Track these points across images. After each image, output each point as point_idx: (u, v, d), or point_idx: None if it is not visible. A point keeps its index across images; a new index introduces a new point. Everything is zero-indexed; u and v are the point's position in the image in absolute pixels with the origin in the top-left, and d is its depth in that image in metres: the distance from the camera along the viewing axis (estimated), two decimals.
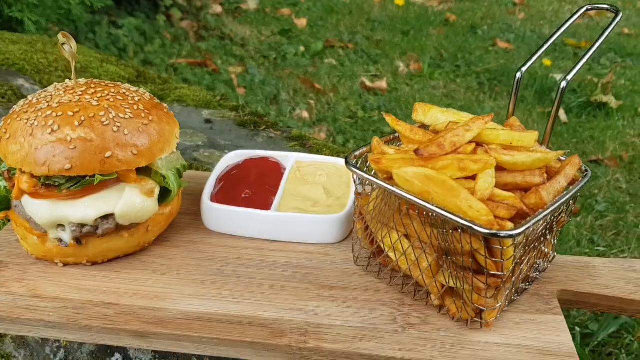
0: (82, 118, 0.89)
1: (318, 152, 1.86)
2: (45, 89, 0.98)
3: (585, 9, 1.09)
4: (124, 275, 0.95)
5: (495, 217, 0.78)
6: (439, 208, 0.78)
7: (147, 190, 0.94)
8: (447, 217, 0.78)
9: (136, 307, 0.89)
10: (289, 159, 1.18)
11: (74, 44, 0.94)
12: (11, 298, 0.90)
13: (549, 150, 0.93)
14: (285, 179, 1.11)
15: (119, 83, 1.01)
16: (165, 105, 1.03)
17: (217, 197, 1.06)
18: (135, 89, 1.00)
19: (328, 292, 0.93)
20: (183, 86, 2.22)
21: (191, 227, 1.07)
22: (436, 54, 4.37)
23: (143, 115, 0.95)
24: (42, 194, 0.90)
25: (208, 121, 2.02)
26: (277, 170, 1.14)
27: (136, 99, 0.97)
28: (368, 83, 3.81)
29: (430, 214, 0.81)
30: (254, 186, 1.08)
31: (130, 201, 0.92)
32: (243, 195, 1.06)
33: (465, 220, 0.77)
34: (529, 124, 3.38)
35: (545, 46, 1.05)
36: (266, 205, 1.05)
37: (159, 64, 3.66)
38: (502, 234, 0.76)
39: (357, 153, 0.93)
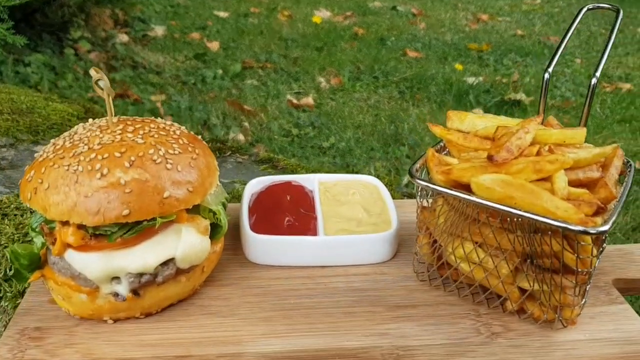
0: (132, 158, 0.82)
1: (293, 173, 1.83)
2: (73, 130, 0.90)
3: (586, 8, 1.13)
4: (184, 323, 0.88)
5: None
6: (528, 212, 0.78)
7: (203, 229, 0.88)
8: (538, 220, 0.78)
9: (212, 356, 0.82)
10: (310, 180, 1.15)
11: (106, 79, 0.86)
12: None
13: (591, 146, 0.95)
14: (318, 202, 1.08)
15: (151, 118, 0.94)
16: (199, 136, 0.97)
17: (257, 228, 1.01)
18: (169, 122, 0.94)
19: (401, 312, 0.91)
20: (148, 116, 2.11)
21: (233, 262, 1.01)
22: (353, 67, 4.45)
23: (190, 149, 0.88)
24: (93, 245, 0.82)
25: None
26: (304, 194, 1.10)
27: (177, 132, 0.90)
28: (294, 100, 3.81)
29: (515, 220, 0.81)
30: (291, 212, 1.04)
31: (190, 242, 0.86)
32: (286, 223, 1.01)
33: (558, 221, 0.77)
34: None
35: (562, 47, 1.09)
36: (310, 231, 1.01)
37: (77, 99, 3.47)
38: (594, 230, 0.77)
39: (417, 166, 0.91)
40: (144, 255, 0.83)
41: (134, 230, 0.83)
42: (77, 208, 0.79)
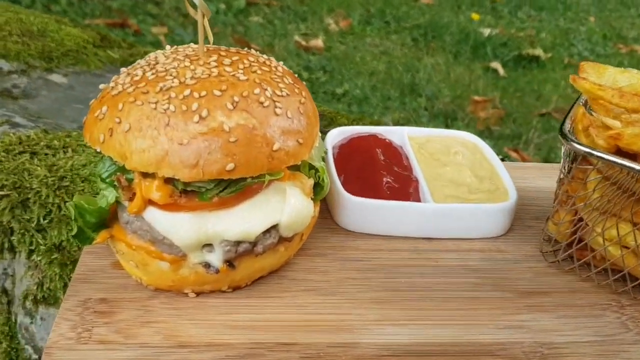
0: (235, 98, 0.65)
1: (332, 121, 1.67)
2: (151, 58, 0.72)
3: None
4: (280, 301, 0.73)
5: None
6: None
7: (308, 189, 0.72)
8: None
9: (322, 345, 0.68)
10: (398, 134, 0.99)
11: None
12: (149, 352, 0.65)
13: None
14: (415, 160, 0.92)
15: (245, 49, 0.76)
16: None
17: (350, 189, 0.85)
18: (265, 56, 0.76)
19: (532, 300, 0.77)
20: (151, 49, 1.91)
21: (322, 227, 0.86)
22: (363, 10, 4.23)
23: (296, 90, 0.72)
24: (183, 204, 0.66)
25: None
26: (394, 149, 0.95)
27: (280, 70, 0.73)
28: (303, 42, 3.60)
29: None
30: (387, 171, 0.88)
31: (296, 205, 0.70)
32: (385, 185, 0.86)
33: None
34: (473, 79, 3.34)
35: None
36: (411, 195, 0.86)
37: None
38: None
39: (567, 127, 0.75)
40: (246, 220, 0.67)
41: (233, 188, 0.66)
42: (170, 158, 0.63)
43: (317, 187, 0.77)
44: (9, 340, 1.01)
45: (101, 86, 0.72)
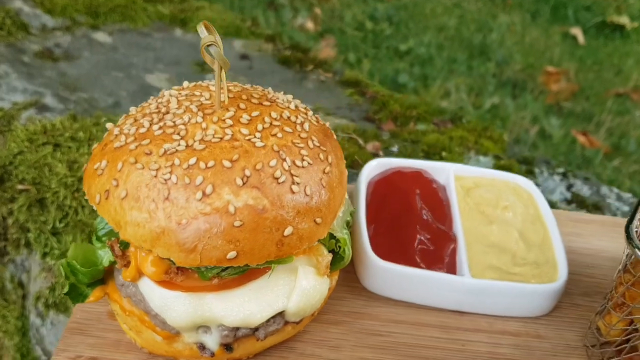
0: (247, 172, 0.57)
1: (384, 106, 1.57)
2: (162, 100, 0.63)
3: None
4: None
5: None
6: None
7: (323, 268, 0.64)
8: None
9: None
10: (444, 171, 0.89)
11: (220, 43, 0.59)
12: None
13: None
14: (457, 212, 0.82)
15: (271, 95, 0.67)
16: (327, 125, 0.70)
17: (378, 246, 0.76)
18: (292, 104, 0.67)
19: None
20: (203, 4, 1.81)
21: (344, 284, 0.78)
22: None
23: (321, 156, 0.62)
24: (179, 284, 0.59)
25: (244, 57, 1.65)
26: (436, 194, 0.85)
27: (306, 127, 0.64)
28: None
29: None
30: (424, 227, 0.79)
31: (306, 289, 0.62)
32: (417, 245, 0.77)
33: None
34: (549, 46, 3.12)
35: None
36: (445, 260, 0.77)
37: None
38: None
39: (636, 223, 0.64)
40: (246, 305, 0.60)
41: (236, 270, 0.59)
42: (165, 238, 0.55)
43: (337, 255, 0.68)
44: (21, 336, 0.99)
45: (108, 125, 0.65)
